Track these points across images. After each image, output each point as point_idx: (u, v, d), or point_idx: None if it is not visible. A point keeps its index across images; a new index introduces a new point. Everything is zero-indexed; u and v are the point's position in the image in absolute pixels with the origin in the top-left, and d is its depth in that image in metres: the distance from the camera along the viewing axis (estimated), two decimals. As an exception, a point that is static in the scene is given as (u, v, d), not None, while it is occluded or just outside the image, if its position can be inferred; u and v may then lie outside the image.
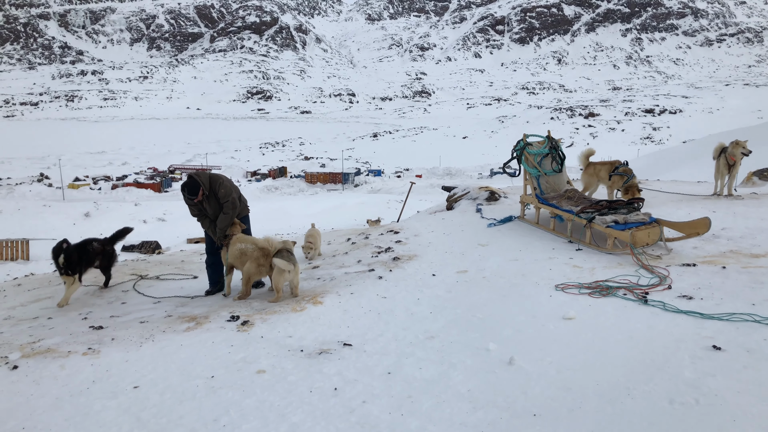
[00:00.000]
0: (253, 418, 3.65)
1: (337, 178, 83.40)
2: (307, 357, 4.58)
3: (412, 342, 4.78)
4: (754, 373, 3.80)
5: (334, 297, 6.12)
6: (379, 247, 8.61)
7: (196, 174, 6.97)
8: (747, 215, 8.48)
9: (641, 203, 8.05)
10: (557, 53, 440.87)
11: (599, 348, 4.38)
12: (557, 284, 6.04)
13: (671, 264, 6.49)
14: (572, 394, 3.69)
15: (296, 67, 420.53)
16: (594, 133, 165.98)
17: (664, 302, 5.24)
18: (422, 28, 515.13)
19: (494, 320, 5.17)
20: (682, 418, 3.31)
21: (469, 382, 3.96)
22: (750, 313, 4.82)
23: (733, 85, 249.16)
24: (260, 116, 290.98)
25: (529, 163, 9.31)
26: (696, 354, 4.14)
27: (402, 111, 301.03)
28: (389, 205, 38.69)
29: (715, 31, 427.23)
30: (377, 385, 4.01)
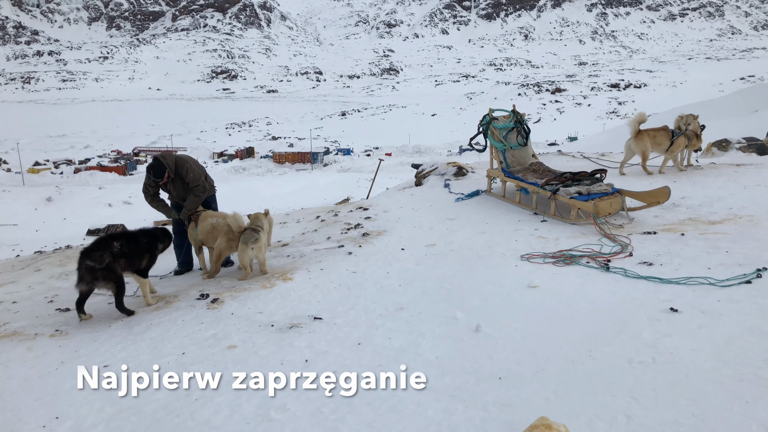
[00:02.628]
0: (224, 391, 3.69)
1: (305, 158, 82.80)
2: (278, 331, 4.62)
3: (381, 314, 4.86)
4: (708, 332, 3.98)
5: (304, 273, 6.15)
6: (349, 223, 8.65)
7: (162, 156, 6.88)
8: (706, 184, 8.74)
9: (604, 174, 8.23)
10: (524, 29, 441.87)
11: (563, 314, 4.52)
12: (523, 255, 6.18)
13: (633, 232, 6.69)
14: (536, 357, 3.81)
15: (261, 45, 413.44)
16: (561, 109, 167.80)
17: (626, 269, 5.42)
18: (389, 4, 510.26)
19: (462, 291, 5.28)
20: (640, 376, 3.46)
21: (437, 350, 4.06)
22: (706, 276, 5.02)
23: (696, 59, 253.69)
24: (226, 96, 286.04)
25: (495, 138, 9.41)
26: (654, 316, 4.30)
27: (370, 89, 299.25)
28: (359, 183, 38.69)
29: (678, 6, 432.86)
30: (348, 356, 4.08)
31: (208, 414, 3.46)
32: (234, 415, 3.43)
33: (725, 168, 10.16)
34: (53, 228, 26.97)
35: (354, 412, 3.36)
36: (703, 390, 3.25)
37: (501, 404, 3.28)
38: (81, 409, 3.59)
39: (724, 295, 4.61)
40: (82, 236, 21.85)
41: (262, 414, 3.41)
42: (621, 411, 3.11)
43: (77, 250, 9.24)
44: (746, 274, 4.98)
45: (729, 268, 5.19)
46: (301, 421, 3.32)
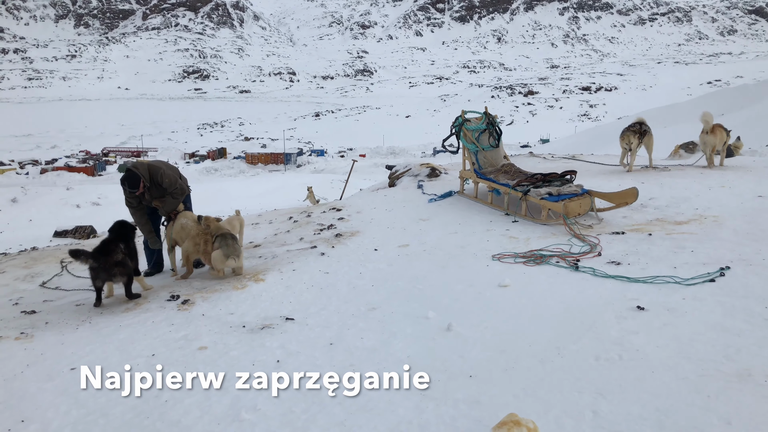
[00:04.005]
0: (195, 392, 3.66)
1: (278, 159, 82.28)
2: (250, 332, 4.60)
3: (354, 314, 4.87)
4: (673, 329, 4.08)
5: (276, 274, 6.13)
6: (322, 224, 8.64)
7: (134, 166, 6.79)
8: (673, 186, 8.93)
9: (574, 175, 8.36)
10: (497, 32, 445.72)
11: (533, 312, 4.59)
12: (494, 254, 6.25)
13: (602, 233, 6.81)
14: (506, 355, 3.87)
15: (234, 45, 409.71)
16: (533, 111, 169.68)
17: (594, 268, 5.51)
18: (363, 5, 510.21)
19: (434, 290, 5.32)
20: (607, 373, 3.53)
21: (409, 349, 4.09)
22: (672, 275, 5.14)
23: (665, 63, 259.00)
24: (197, 96, 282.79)
25: (468, 139, 9.48)
26: (621, 314, 4.39)
27: (344, 90, 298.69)
28: (333, 184, 38.56)
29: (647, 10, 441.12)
30: (319, 356, 4.08)
31: (177, 415, 3.43)
32: (204, 416, 3.41)
33: (691, 170, 10.40)
34: (18, 229, 26.31)
35: (325, 411, 3.36)
36: (667, 385, 3.33)
37: (471, 402, 3.32)
38: (47, 412, 3.53)
39: (688, 294, 4.72)
40: (49, 238, 21.36)
41: (233, 414, 3.39)
42: (588, 407, 3.17)
43: (44, 252, 9.06)
44: (710, 272, 5.11)
45: (694, 267, 5.32)
46: (271, 421, 3.31)
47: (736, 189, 8.35)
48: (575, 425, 3.01)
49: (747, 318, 4.18)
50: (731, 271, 5.11)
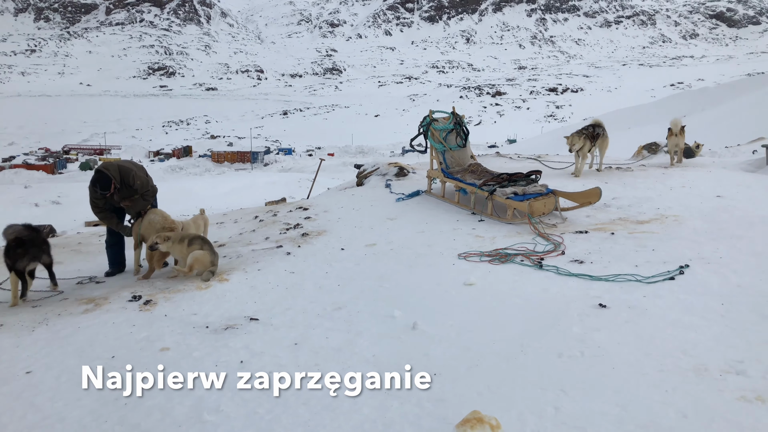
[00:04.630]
0: (156, 394, 3.59)
1: (245, 158, 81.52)
2: (213, 333, 4.54)
3: (319, 314, 4.84)
4: (634, 326, 4.16)
5: (240, 274, 6.06)
6: (288, 223, 8.57)
7: (104, 167, 6.64)
8: (635, 186, 9.11)
9: (539, 175, 8.46)
10: (466, 32, 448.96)
11: (497, 310, 4.63)
12: (460, 253, 6.28)
13: (566, 232, 6.91)
14: (471, 353, 3.89)
15: (201, 42, 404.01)
16: (501, 112, 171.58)
17: (558, 267, 5.59)
18: (332, 4, 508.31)
19: (400, 289, 5.32)
20: (569, 369, 3.58)
21: (374, 348, 4.08)
22: (633, 273, 5.25)
23: (630, 66, 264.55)
24: (163, 93, 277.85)
25: (435, 139, 9.52)
26: (584, 312, 4.46)
27: (313, 88, 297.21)
28: (300, 183, 38.40)
29: (613, 13, 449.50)
30: (284, 356, 4.04)
31: (138, 418, 3.36)
32: (165, 418, 3.34)
33: (654, 170, 10.64)
34: (-27, 229, 25.49)
35: (289, 412, 3.33)
36: (628, 381, 3.39)
37: (435, 400, 3.33)
38: (1, 417, 3.41)
39: (649, 291, 4.83)
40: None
41: (195, 416, 3.34)
42: (550, 403, 3.20)
43: None
44: (670, 270, 5.24)
45: (655, 266, 5.43)
46: (234, 422, 3.26)
47: (696, 189, 8.56)
48: (537, 421, 3.04)
49: (704, 314, 4.29)
50: (690, 270, 5.24)
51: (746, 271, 5.12)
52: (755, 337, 3.85)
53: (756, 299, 4.50)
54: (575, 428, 2.97)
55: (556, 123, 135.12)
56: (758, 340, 3.82)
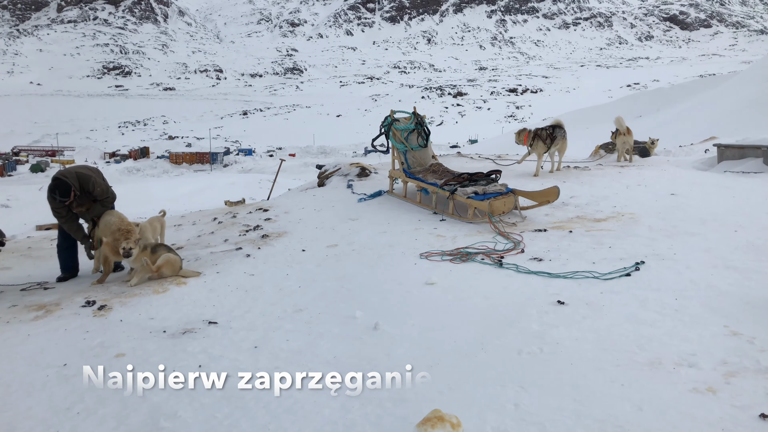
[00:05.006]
0: (111, 402, 3.49)
1: (204, 158, 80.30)
2: (171, 337, 4.43)
3: (280, 316, 4.78)
4: (591, 322, 4.24)
5: (199, 277, 5.94)
6: (248, 225, 8.46)
7: (63, 174, 6.42)
8: (593, 184, 9.30)
9: (499, 175, 8.56)
10: (427, 33, 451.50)
11: (458, 309, 4.66)
12: (422, 253, 6.30)
13: (525, 230, 7.00)
14: (432, 352, 3.90)
15: (158, 41, 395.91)
16: (462, 112, 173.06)
17: (518, 265, 5.66)
18: (292, 3, 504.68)
19: (362, 290, 5.30)
20: (528, 366, 3.62)
21: (335, 350, 4.05)
22: (591, 270, 5.35)
23: (587, 67, 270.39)
24: (118, 93, 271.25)
25: (397, 139, 9.54)
26: (543, 309, 4.52)
27: (273, 88, 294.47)
28: (261, 184, 37.94)
29: (571, 15, 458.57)
30: (243, 359, 3.98)
31: (91, 427, 3.25)
32: (120, 426, 3.25)
33: (611, 169, 10.87)
34: None
35: (249, 416, 3.27)
36: (585, 376, 3.45)
37: (396, 399, 3.32)
38: (-56, 430, 3.26)
39: (606, 288, 4.92)
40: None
41: (152, 423, 3.25)
42: (510, 400, 3.23)
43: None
44: (626, 267, 5.36)
45: (611, 263, 5.55)
46: (192, 428, 3.19)
47: (651, 188, 8.78)
48: (497, 418, 3.06)
49: (659, 309, 4.39)
50: (646, 266, 5.37)
51: (699, 267, 5.27)
52: (706, 331, 3.97)
53: (707, 294, 4.64)
54: (534, 424, 3.00)
55: (517, 123, 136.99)
56: (709, 333, 3.93)
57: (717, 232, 6.36)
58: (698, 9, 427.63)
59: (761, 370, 3.39)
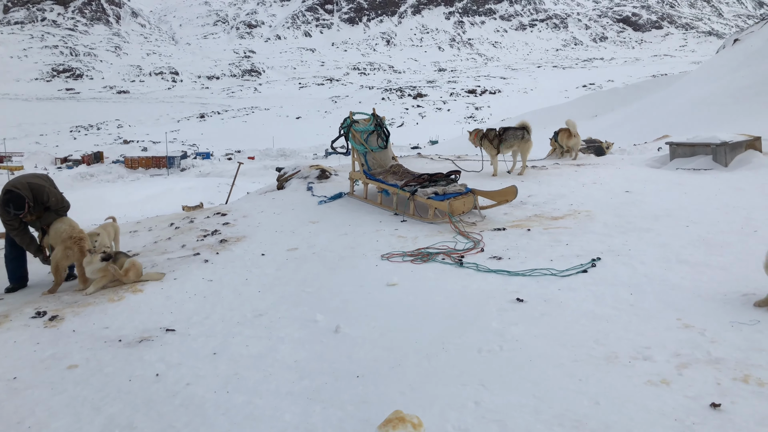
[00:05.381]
0: (63, 415, 3.38)
1: (161, 163, 78.78)
2: (126, 346, 4.32)
3: (239, 322, 4.71)
4: (550, 319, 4.30)
5: (155, 284, 5.81)
6: (205, 230, 8.31)
7: (14, 186, 6.18)
8: (550, 183, 9.45)
9: (458, 175, 8.63)
10: (386, 34, 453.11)
11: (419, 309, 4.66)
12: (383, 254, 6.30)
13: (484, 229, 7.07)
14: (394, 353, 3.89)
15: (110, 43, 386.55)
16: (422, 113, 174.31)
17: (477, 264, 5.71)
18: (249, 4, 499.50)
19: (323, 293, 5.27)
20: (489, 364, 3.66)
21: (296, 354, 4.01)
22: (548, 268, 5.43)
23: (544, 68, 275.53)
24: (69, 97, 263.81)
25: (356, 140, 9.52)
26: (503, 307, 4.57)
27: (231, 90, 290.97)
28: (219, 188, 37.47)
29: (527, 17, 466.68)
30: (202, 367, 3.91)
31: (42, 442, 3.14)
32: (73, 440, 3.14)
33: (567, 168, 11.05)
34: None
35: (208, 424, 3.21)
36: (544, 372, 3.50)
37: (358, 402, 3.31)
38: None
39: (564, 284, 5.00)
40: None
41: (106, 436, 3.16)
42: (470, 398, 3.25)
43: None
44: (583, 264, 5.46)
45: (569, 260, 5.65)
46: (149, 439, 3.11)
47: (606, 185, 8.97)
48: (458, 417, 3.07)
49: (615, 304, 4.49)
50: (602, 262, 5.48)
51: (652, 262, 5.41)
52: (660, 324, 4.07)
53: (661, 288, 4.76)
54: (494, 421, 3.02)
55: (476, 124, 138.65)
56: (662, 326, 4.03)
57: (670, 227, 6.54)
58: (650, 11, 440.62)
59: (711, 360, 3.49)
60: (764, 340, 3.70)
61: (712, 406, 3.00)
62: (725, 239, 5.94)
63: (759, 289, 4.37)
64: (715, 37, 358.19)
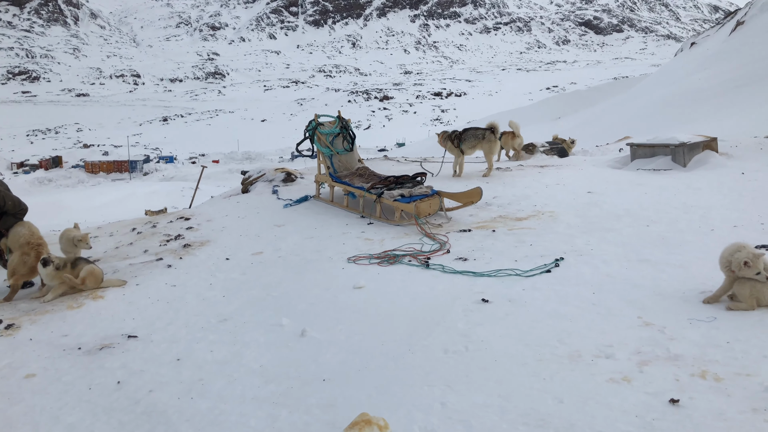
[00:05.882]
0: (21, 425, 3.29)
1: (123, 167, 77.15)
2: (86, 354, 4.22)
3: (204, 327, 4.64)
4: (514, 319, 4.35)
5: (117, 290, 5.68)
6: (169, 235, 8.16)
7: None
8: (514, 184, 9.56)
9: (424, 177, 8.67)
10: (351, 37, 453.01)
11: (386, 312, 4.66)
12: (350, 257, 6.28)
13: (450, 231, 7.11)
14: (360, 356, 3.88)
15: (68, 45, 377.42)
16: (389, 116, 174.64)
17: (444, 265, 5.74)
18: (212, 6, 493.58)
19: (289, 297, 5.22)
20: (454, 364, 3.68)
21: (261, 359, 3.97)
22: (513, 268, 5.49)
23: (509, 70, 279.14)
24: (26, 100, 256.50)
25: (322, 143, 9.48)
26: (468, 308, 4.60)
27: (194, 93, 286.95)
28: (183, 192, 36.88)
29: (492, 20, 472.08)
30: (166, 373, 3.83)
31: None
32: (30, 453, 3.05)
33: (531, 169, 11.19)
34: None
35: (171, 431, 3.15)
36: (509, 372, 3.53)
37: (324, 405, 3.29)
38: None
39: (528, 284, 5.07)
40: None
41: (65, 447, 3.07)
42: (437, 399, 3.26)
43: None
44: (546, 264, 5.53)
45: (533, 260, 5.72)
46: (110, 450, 3.04)
47: (569, 186, 9.12)
48: (425, 418, 3.08)
49: (578, 304, 4.56)
50: (565, 262, 5.57)
51: (614, 261, 5.52)
52: (622, 322, 4.15)
53: (623, 286, 4.86)
54: (460, 421, 3.04)
55: (442, 126, 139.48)
56: (624, 324, 4.11)
57: (631, 227, 6.69)
58: (611, 14, 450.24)
59: (671, 357, 3.57)
60: (721, 336, 3.81)
61: (671, 402, 3.07)
62: (684, 238, 6.10)
63: (716, 287, 4.50)
64: (673, 40, 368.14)
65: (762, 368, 3.36)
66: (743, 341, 3.72)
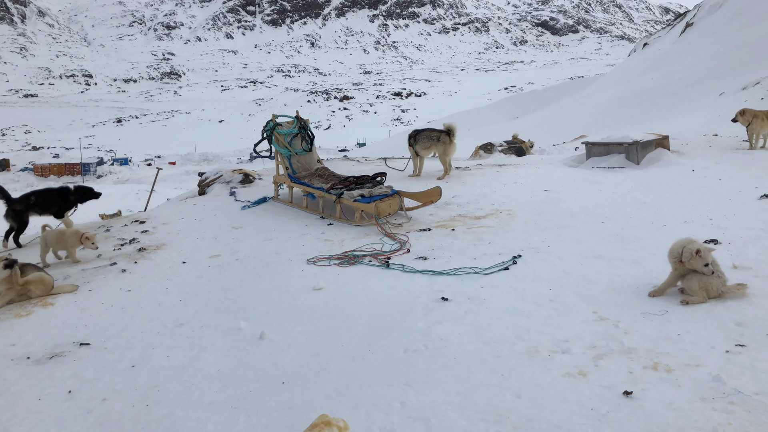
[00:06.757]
0: (-36, 443, 3.14)
1: (75, 170, 74.91)
2: (36, 363, 4.07)
3: (159, 332, 4.54)
4: (474, 316, 4.38)
5: (68, 296, 5.50)
6: (123, 238, 7.96)
7: None
8: (473, 183, 9.65)
9: (384, 177, 8.67)
10: (310, 36, 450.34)
11: (347, 312, 4.65)
12: (309, 258, 6.24)
13: (410, 230, 7.14)
14: (320, 358, 3.86)
15: (15, 43, 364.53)
16: (349, 116, 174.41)
17: (404, 265, 5.75)
18: (167, 5, 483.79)
19: (247, 300, 5.16)
20: (414, 363, 3.69)
21: (219, 363, 3.91)
22: (472, 266, 5.54)
23: (467, 70, 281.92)
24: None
25: (280, 144, 9.39)
26: (428, 306, 4.62)
27: (149, 94, 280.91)
28: (139, 195, 35.98)
29: (450, 20, 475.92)
30: (120, 381, 3.73)
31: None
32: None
33: (490, 168, 11.32)
34: None
35: (126, 442, 3.07)
36: (468, 369, 3.56)
37: (284, 408, 3.26)
38: None
39: (486, 282, 5.12)
40: None
41: (12, 462, 2.96)
42: (396, 398, 3.27)
43: None
44: (505, 261, 5.60)
45: (491, 258, 5.78)
46: (61, 462, 2.94)
47: (527, 185, 9.26)
48: (384, 418, 3.08)
49: (535, 300, 4.63)
50: (522, 259, 5.65)
51: (570, 257, 5.62)
52: (577, 318, 4.23)
53: (578, 282, 4.96)
54: (420, 420, 3.05)
55: (402, 126, 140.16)
56: (580, 319, 4.19)
57: (586, 224, 6.83)
58: (566, 15, 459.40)
59: (625, 350, 3.66)
60: (672, 329, 3.92)
61: (624, 394, 3.14)
62: (637, 234, 6.27)
63: (666, 281, 4.62)
64: (627, 41, 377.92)
65: (709, 359, 3.47)
66: (693, 333, 3.83)
